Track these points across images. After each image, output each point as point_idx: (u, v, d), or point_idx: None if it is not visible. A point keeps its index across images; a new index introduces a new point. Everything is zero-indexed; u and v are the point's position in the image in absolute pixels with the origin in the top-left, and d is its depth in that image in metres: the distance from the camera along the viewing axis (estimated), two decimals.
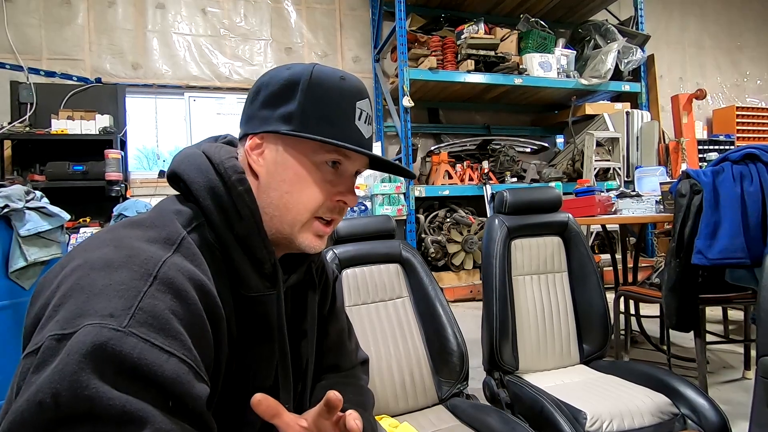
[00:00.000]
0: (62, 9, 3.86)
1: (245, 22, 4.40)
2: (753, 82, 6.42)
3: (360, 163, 0.63)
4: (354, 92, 0.60)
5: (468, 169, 4.29)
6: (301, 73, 0.59)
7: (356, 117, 0.59)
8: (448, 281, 3.93)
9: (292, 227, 0.59)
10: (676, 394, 1.26)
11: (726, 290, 1.81)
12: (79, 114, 3.49)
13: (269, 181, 0.59)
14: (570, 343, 1.59)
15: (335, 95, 0.58)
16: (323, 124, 0.57)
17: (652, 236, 4.45)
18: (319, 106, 0.58)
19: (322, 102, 0.58)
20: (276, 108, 0.59)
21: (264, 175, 0.59)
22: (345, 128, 0.59)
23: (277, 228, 0.59)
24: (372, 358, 1.38)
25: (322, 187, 0.59)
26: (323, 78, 0.59)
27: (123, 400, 0.37)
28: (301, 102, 0.57)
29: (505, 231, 1.58)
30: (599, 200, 2.30)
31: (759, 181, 1.48)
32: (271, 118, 0.59)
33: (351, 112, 0.59)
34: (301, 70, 0.59)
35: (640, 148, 4.46)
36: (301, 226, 0.60)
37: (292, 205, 0.58)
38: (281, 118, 0.58)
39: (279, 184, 0.58)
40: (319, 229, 0.61)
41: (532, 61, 4.28)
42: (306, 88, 0.58)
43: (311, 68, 0.59)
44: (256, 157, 0.60)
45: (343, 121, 0.59)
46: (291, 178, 0.58)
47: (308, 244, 0.61)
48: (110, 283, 0.42)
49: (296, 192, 0.58)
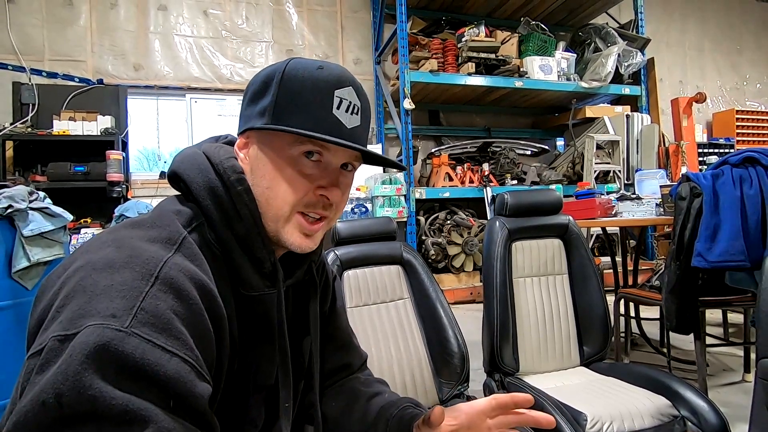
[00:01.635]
0: (64, 10, 3.88)
1: (247, 24, 4.42)
2: (753, 86, 6.44)
3: (346, 155, 0.60)
4: (331, 81, 0.57)
5: (468, 171, 4.30)
6: (277, 67, 0.58)
7: (334, 106, 0.57)
8: (448, 283, 3.93)
9: (276, 223, 0.58)
10: (676, 397, 1.26)
11: (726, 293, 1.82)
12: (80, 115, 3.50)
13: (252, 178, 0.59)
14: (570, 345, 1.60)
15: (309, 85, 0.56)
16: (297, 115, 0.56)
17: (653, 239, 4.46)
18: (292, 97, 0.56)
19: (295, 93, 0.56)
20: (256, 105, 0.59)
21: (248, 172, 0.59)
22: (321, 118, 0.56)
23: (266, 225, 0.59)
24: (373, 360, 1.39)
25: (299, 181, 0.58)
26: (298, 69, 0.57)
27: (125, 399, 0.38)
28: (274, 95, 0.57)
29: (505, 233, 1.59)
30: (599, 203, 2.31)
31: (758, 184, 1.49)
32: (252, 115, 0.59)
33: (328, 101, 0.57)
34: (278, 65, 0.59)
35: (640, 151, 4.47)
36: (284, 222, 0.58)
37: (272, 200, 0.58)
38: (258, 114, 0.58)
39: (260, 180, 0.58)
40: (305, 227, 0.59)
41: (532, 64, 4.29)
42: (279, 81, 0.57)
43: (287, 61, 0.59)
44: (243, 156, 0.60)
45: (319, 111, 0.56)
46: (269, 173, 0.58)
47: (293, 242, 0.59)
48: (112, 284, 0.43)
49: (275, 186, 0.57)
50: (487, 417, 0.62)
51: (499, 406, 0.61)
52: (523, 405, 0.60)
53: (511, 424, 0.62)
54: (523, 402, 0.60)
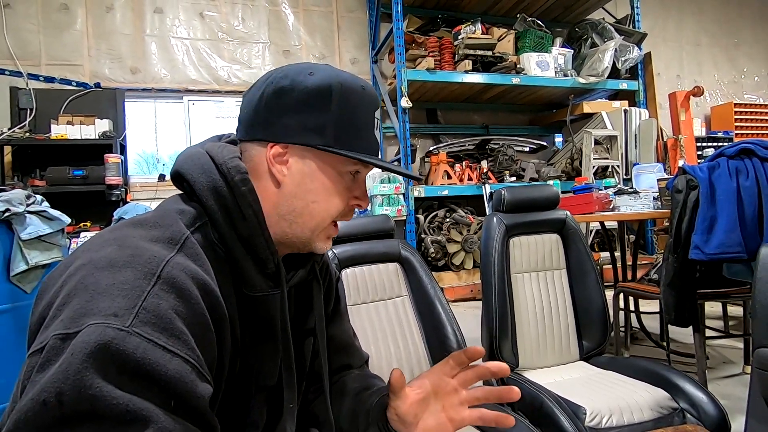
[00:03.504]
0: (61, 14, 3.88)
1: (243, 26, 4.42)
2: (750, 79, 6.43)
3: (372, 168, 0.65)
4: (374, 102, 0.61)
5: (467, 168, 4.30)
6: (330, 81, 0.57)
7: (375, 127, 0.61)
8: (448, 281, 3.94)
9: (313, 232, 0.61)
10: (675, 389, 1.26)
11: (725, 285, 1.82)
12: (78, 119, 3.50)
13: (295, 191, 0.59)
14: (569, 340, 1.60)
15: (362, 107, 0.59)
16: (352, 138, 0.59)
17: (652, 234, 4.46)
18: (350, 119, 0.58)
19: (352, 114, 0.58)
20: (305, 118, 0.57)
21: (289, 184, 0.59)
22: (368, 139, 0.60)
23: (297, 233, 0.61)
24: (372, 357, 1.39)
25: (344, 195, 0.62)
26: (352, 89, 0.59)
27: (126, 399, 0.38)
28: (335, 114, 0.57)
29: (503, 229, 1.59)
30: (597, 197, 2.31)
31: (755, 175, 1.49)
32: (298, 127, 0.57)
33: (372, 122, 0.61)
34: (328, 78, 0.57)
35: (638, 145, 4.47)
36: (322, 231, 0.62)
37: (317, 213, 0.60)
38: (313, 131, 0.57)
39: (305, 194, 0.59)
40: (332, 232, 0.64)
41: (529, 60, 4.29)
42: (339, 100, 0.57)
43: (338, 77, 0.58)
44: (280, 167, 0.59)
45: (369, 133, 0.60)
46: (318, 188, 0.60)
47: (322, 247, 0.63)
48: (114, 283, 0.43)
49: (322, 201, 0.60)
50: (448, 377, 0.63)
51: (456, 363, 0.63)
52: (474, 357, 0.63)
53: (471, 379, 0.63)
54: (473, 354, 0.63)
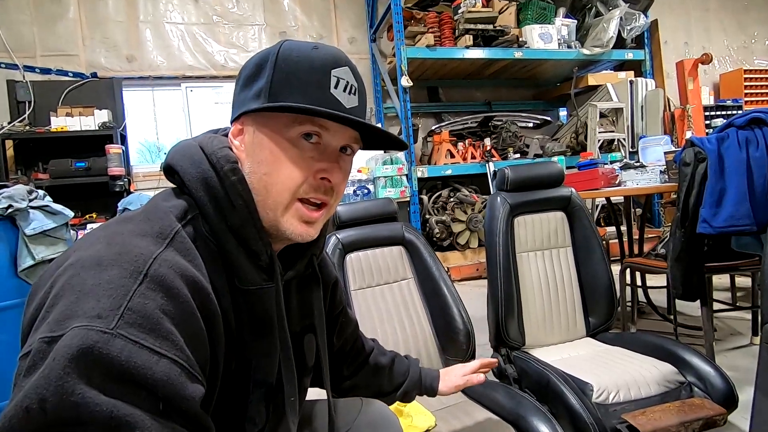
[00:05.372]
0: (53, 4, 3.82)
1: (238, 8, 4.33)
2: (761, 44, 6.23)
3: (345, 137, 0.58)
4: (328, 60, 0.56)
5: (470, 147, 4.25)
6: (270, 50, 0.57)
7: (332, 85, 0.55)
8: (454, 261, 3.94)
9: (275, 211, 0.56)
10: (682, 363, 1.26)
11: (734, 257, 1.80)
12: (77, 110, 3.49)
13: (249, 165, 0.57)
14: (576, 317, 1.60)
15: (305, 65, 0.55)
16: (294, 96, 0.54)
17: (659, 207, 4.41)
18: (288, 78, 0.55)
19: (291, 73, 0.55)
20: (250, 88, 0.57)
21: (244, 159, 0.57)
22: (319, 98, 0.54)
23: (263, 216, 0.57)
24: (378, 340, 1.40)
25: (301, 164, 0.56)
26: (293, 49, 0.56)
27: (110, 405, 0.37)
28: (269, 76, 0.55)
29: (507, 208, 1.57)
30: (602, 173, 2.27)
31: (765, 145, 1.45)
32: (246, 99, 0.57)
33: (325, 80, 0.55)
34: (271, 48, 0.57)
35: (644, 117, 4.38)
36: (284, 209, 0.56)
37: (271, 186, 0.55)
38: (253, 97, 0.56)
39: (257, 166, 0.56)
40: (305, 214, 0.57)
41: (531, 33, 4.18)
42: (274, 62, 0.55)
43: (281, 43, 0.57)
44: (239, 143, 0.58)
45: (316, 91, 0.55)
46: (267, 157, 0.55)
47: (293, 231, 0.57)
48: (99, 282, 0.42)
49: (274, 172, 0.55)
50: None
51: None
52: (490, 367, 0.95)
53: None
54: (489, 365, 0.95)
